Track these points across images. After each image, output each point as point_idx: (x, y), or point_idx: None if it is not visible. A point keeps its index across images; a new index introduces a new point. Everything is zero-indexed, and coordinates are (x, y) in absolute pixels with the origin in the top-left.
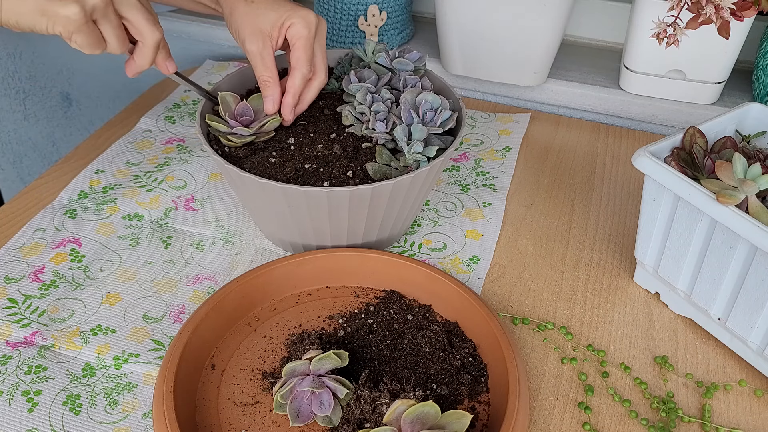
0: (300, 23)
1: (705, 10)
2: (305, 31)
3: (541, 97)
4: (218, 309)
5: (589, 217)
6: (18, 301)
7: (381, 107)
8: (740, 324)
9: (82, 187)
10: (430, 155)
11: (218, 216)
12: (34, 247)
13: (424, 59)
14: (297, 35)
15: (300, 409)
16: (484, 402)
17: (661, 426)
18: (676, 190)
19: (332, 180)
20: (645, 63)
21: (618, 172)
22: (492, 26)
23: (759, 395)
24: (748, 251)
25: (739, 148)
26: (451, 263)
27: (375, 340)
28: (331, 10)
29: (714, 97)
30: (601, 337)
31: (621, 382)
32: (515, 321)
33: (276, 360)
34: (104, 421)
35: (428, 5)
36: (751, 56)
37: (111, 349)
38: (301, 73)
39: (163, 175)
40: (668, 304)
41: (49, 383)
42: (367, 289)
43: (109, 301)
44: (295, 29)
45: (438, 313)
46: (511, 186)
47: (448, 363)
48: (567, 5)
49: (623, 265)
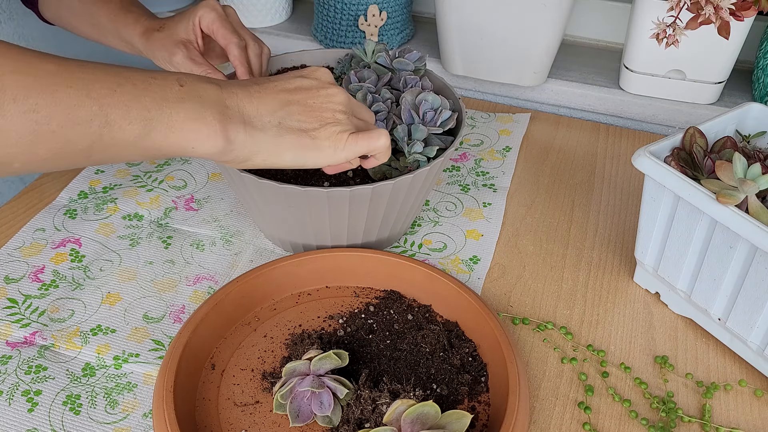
0: (205, 11)
1: (705, 10)
2: (214, 13)
3: (541, 97)
4: (218, 309)
5: (589, 217)
6: (18, 301)
7: (381, 107)
8: (740, 324)
9: (82, 187)
10: (430, 155)
11: (218, 216)
12: (34, 247)
13: (424, 59)
14: (210, 21)
15: (300, 409)
16: (484, 402)
17: (661, 426)
18: (676, 190)
19: (332, 180)
20: (645, 63)
21: (618, 172)
22: (492, 26)
23: (759, 395)
24: (748, 251)
25: (739, 148)
26: (451, 263)
27: (375, 340)
28: (331, 10)
29: (714, 97)
30: (601, 337)
31: (621, 382)
32: (515, 321)
33: (276, 360)
34: (104, 421)
35: (428, 5)
36: (751, 56)
37: (111, 349)
38: (233, 43)
39: (163, 175)
40: (668, 304)
41: (49, 383)
42: (367, 289)
43: (109, 301)
44: (205, 19)
45: (438, 313)
46: (511, 186)
47: (448, 363)
48: (567, 5)
49: (623, 265)
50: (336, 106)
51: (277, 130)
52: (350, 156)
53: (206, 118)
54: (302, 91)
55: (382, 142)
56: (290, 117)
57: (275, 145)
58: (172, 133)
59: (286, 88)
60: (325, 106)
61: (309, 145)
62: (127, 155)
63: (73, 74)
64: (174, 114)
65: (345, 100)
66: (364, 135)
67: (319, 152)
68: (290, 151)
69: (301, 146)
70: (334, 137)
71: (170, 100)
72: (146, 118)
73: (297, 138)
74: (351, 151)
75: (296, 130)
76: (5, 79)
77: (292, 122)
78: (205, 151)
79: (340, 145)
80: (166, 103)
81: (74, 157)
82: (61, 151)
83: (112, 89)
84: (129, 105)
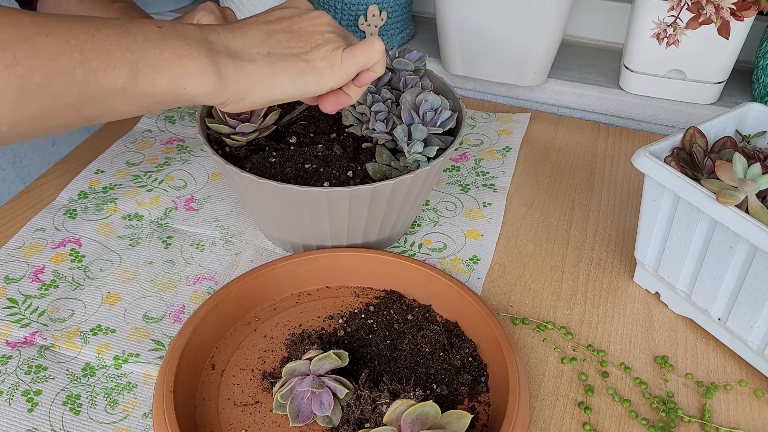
0: (202, 15)
1: (705, 10)
2: (212, 16)
3: (541, 97)
4: (218, 309)
5: (589, 217)
6: (18, 301)
7: (381, 107)
8: (740, 324)
9: (82, 187)
10: (430, 155)
11: (218, 216)
12: (34, 247)
13: (424, 59)
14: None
15: (300, 409)
16: (484, 402)
17: (661, 426)
18: (676, 190)
19: (332, 180)
20: (645, 63)
21: (618, 172)
22: (492, 26)
23: (759, 395)
24: (748, 251)
25: (739, 148)
26: (451, 263)
27: (375, 340)
28: (331, 10)
29: (714, 97)
30: (601, 337)
31: (621, 382)
32: (515, 321)
33: (276, 360)
34: (104, 421)
35: (428, 5)
36: (751, 56)
37: (111, 349)
38: None
39: (163, 175)
40: (668, 304)
41: (49, 383)
42: (367, 289)
43: (109, 301)
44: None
45: (438, 313)
46: (511, 186)
47: (448, 363)
48: (567, 5)
49: (623, 265)
50: (323, 27)
51: (268, 60)
52: (350, 71)
53: (192, 54)
54: (285, 19)
55: (377, 47)
56: (279, 45)
57: (270, 75)
58: (159, 74)
59: (267, 20)
60: (312, 29)
61: (305, 69)
62: (120, 107)
63: (50, 22)
64: (158, 53)
65: (330, 20)
66: (358, 46)
67: (317, 74)
68: (287, 78)
69: (297, 71)
70: (329, 56)
71: (152, 39)
72: (130, 61)
73: (291, 63)
74: (349, 66)
75: (288, 56)
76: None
77: (282, 50)
78: (198, 89)
79: (336, 62)
80: (148, 42)
81: (64, 113)
82: (49, 107)
83: (90, 34)
84: (111, 49)
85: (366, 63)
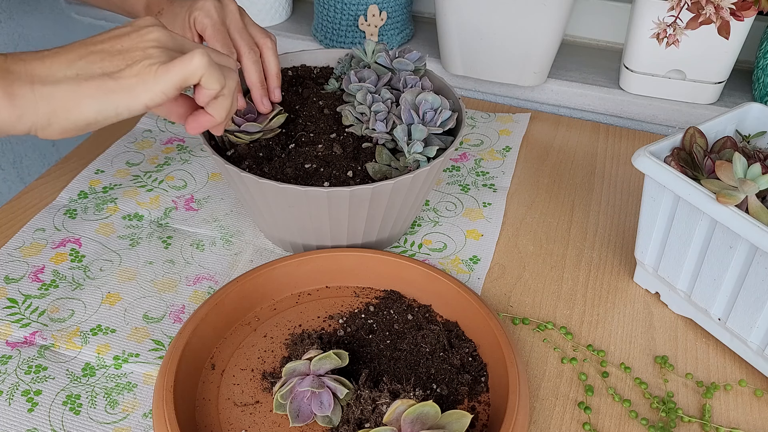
0: (200, 14)
1: (705, 10)
2: (208, 20)
3: (541, 97)
4: (218, 309)
5: (589, 217)
6: (18, 301)
7: (381, 107)
8: (740, 324)
9: (82, 187)
10: (430, 155)
11: (218, 216)
12: (34, 247)
13: (424, 59)
14: (202, 26)
15: (300, 409)
16: (484, 402)
17: (661, 426)
18: (676, 190)
19: (332, 180)
20: (645, 63)
21: (618, 172)
22: (492, 26)
23: (759, 395)
24: (748, 251)
25: (739, 148)
26: (451, 263)
27: (375, 340)
28: (331, 10)
29: (714, 97)
30: (601, 337)
31: (621, 382)
32: (515, 321)
33: (276, 360)
34: (104, 421)
35: (428, 5)
36: (751, 56)
37: (111, 349)
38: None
39: (163, 175)
40: (668, 304)
41: (49, 383)
42: (367, 289)
43: (109, 301)
44: (199, 22)
45: (438, 313)
46: (511, 186)
47: (448, 363)
48: (567, 5)
49: (623, 265)
50: (147, 43)
51: (73, 82)
52: (166, 87)
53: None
54: (111, 39)
55: (195, 61)
56: (91, 66)
57: (74, 98)
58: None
59: (93, 41)
60: (136, 45)
61: (113, 88)
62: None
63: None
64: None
65: (160, 37)
66: (176, 60)
67: (127, 92)
68: (93, 100)
69: (104, 91)
70: (143, 72)
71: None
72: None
73: (98, 83)
74: (165, 81)
75: (98, 77)
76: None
77: (92, 70)
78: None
79: (149, 77)
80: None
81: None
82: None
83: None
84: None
85: (186, 77)
